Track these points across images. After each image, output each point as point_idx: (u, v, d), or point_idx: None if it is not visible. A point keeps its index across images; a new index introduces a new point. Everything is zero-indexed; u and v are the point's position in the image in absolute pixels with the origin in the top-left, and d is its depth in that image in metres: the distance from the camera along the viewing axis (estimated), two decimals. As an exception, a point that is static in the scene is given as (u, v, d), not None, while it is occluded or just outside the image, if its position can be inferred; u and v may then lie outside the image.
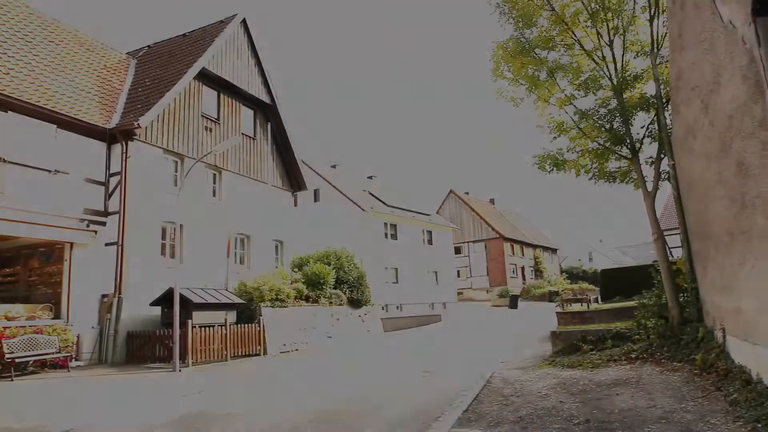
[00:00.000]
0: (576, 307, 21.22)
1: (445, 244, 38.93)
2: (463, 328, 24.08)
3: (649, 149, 13.11)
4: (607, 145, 12.91)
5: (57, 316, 14.50)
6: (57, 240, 14.76)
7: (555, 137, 13.97)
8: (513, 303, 38.65)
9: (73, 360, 13.86)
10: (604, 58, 12.88)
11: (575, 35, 13.09)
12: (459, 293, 43.91)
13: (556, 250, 63.46)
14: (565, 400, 7.78)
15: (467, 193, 55.87)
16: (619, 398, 7.57)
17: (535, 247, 56.37)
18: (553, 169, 13.82)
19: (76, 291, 14.85)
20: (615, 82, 12.51)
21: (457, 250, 48.63)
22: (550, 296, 42.56)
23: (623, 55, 12.82)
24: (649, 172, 12.60)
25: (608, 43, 12.72)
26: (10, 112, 13.70)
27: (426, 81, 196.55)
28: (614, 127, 12.69)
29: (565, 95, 13.52)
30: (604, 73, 12.88)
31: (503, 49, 13.31)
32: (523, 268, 52.64)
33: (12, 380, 11.85)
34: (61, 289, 14.87)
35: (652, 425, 6.14)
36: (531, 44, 13.09)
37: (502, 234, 49.90)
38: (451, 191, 53.75)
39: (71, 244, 14.93)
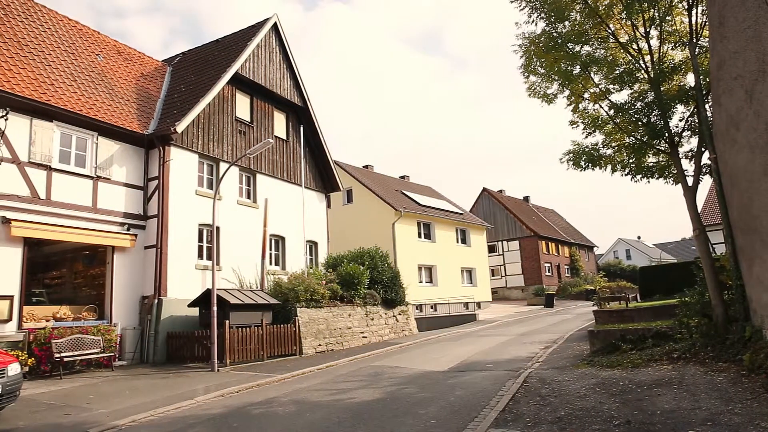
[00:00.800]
0: (614, 305, 20.77)
1: (479, 242, 38.63)
2: (501, 328, 23.84)
3: (689, 143, 12.77)
4: (645, 139, 12.60)
5: (101, 317, 15.00)
6: (99, 244, 15.26)
7: (589, 133, 13.72)
8: (549, 302, 38.09)
9: (117, 360, 14.30)
10: (639, 50, 12.57)
11: (609, 28, 12.81)
12: (494, 292, 43.51)
13: (592, 247, 62.20)
14: (605, 401, 7.63)
15: (501, 191, 55.31)
16: (661, 399, 7.38)
17: (570, 244, 55.36)
18: (588, 166, 13.57)
19: (118, 293, 15.33)
20: (652, 75, 12.19)
21: (491, 249, 48.16)
22: (587, 294, 41.75)
23: (660, 46, 12.49)
24: (689, 166, 12.26)
25: (644, 35, 12.41)
26: (54, 121, 14.24)
27: (457, 78, 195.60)
28: (651, 120, 12.38)
29: (600, 90, 13.26)
30: (640, 66, 12.57)
31: (535, 44, 13.12)
32: (558, 266, 51.76)
33: (61, 378, 12.32)
34: (104, 291, 15.37)
35: (698, 427, 5.96)
36: (563, 39, 12.86)
37: (537, 232, 49.18)
38: (484, 189, 53.27)
39: (113, 248, 15.41)
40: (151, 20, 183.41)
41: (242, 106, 20.00)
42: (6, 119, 12.97)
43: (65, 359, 12.62)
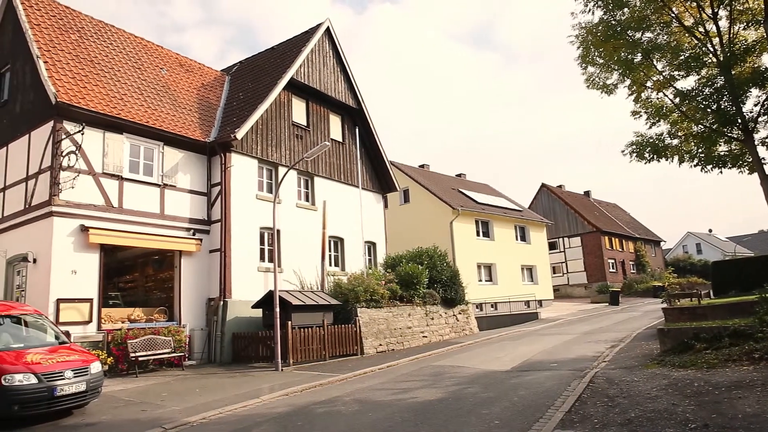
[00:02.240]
0: (685, 302, 19.79)
1: (539, 239, 37.80)
2: (564, 326, 23.21)
3: (766, 129, 12.03)
4: (715, 127, 11.98)
5: (171, 318, 15.70)
6: (168, 248, 15.98)
7: (653, 123, 13.18)
8: (614, 299, 36.72)
9: (186, 359, 14.93)
10: (706, 32, 11.97)
11: (672, 12, 12.26)
12: (555, 290, 42.42)
13: (659, 242, 59.44)
14: (679, 403, 7.30)
15: (560, 186, 53.83)
16: (742, 402, 6.98)
17: (635, 239, 53.15)
18: (653, 157, 13.03)
19: (186, 295, 15.99)
20: (721, 58, 11.57)
21: (552, 246, 46.90)
22: (655, 291, 39.95)
23: (730, 27, 11.84)
24: (766, 153, 11.59)
25: (711, 16, 11.79)
26: (124, 133, 15.04)
27: (510, 73, 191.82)
28: (722, 106, 11.76)
29: (664, 77, 12.72)
30: (708, 50, 11.97)
31: (592, 34, 12.72)
32: (623, 263, 49.81)
33: (136, 376, 13.00)
34: (173, 294, 16.09)
35: (784, 432, 5.60)
36: (623, 26, 12.41)
37: (599, 227, 47.53)
38: (543, 185, 52.00)
39: (180, 252, 16.09)
40: (208, 32, 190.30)
41: (298, 110, 20.41)
42: (82, 134, 13.82)
43: (140, 359, 13.31)
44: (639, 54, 12.64)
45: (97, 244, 13.87)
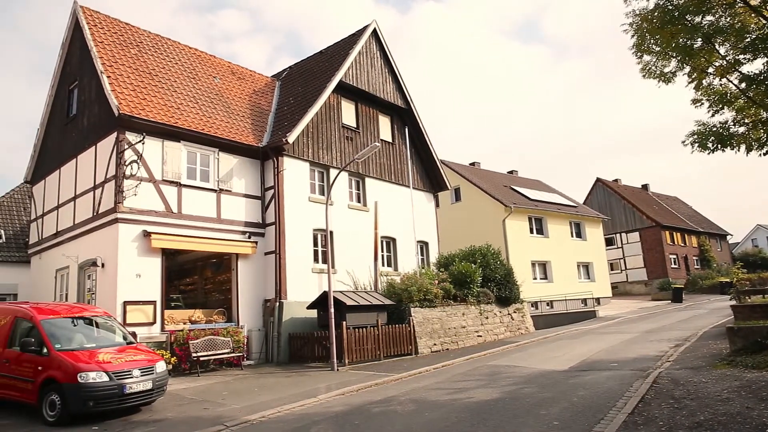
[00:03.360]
0: (756, 299, 18.72)
1: (595, 235, 36.73)
2: (624, 325, 22.43)
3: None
4: (787, 112, 11.26)
5: (229, 319, 16.19)
6: (225, 252, 16.47)
7: (716, 111, 12.51)
8: (676, 296, 35.18)
9: (245, 359, 15.34)
10: (776, 11, 11.25)
11: (737, -9, 11.59)
12: (614, 287, 41.09)
13: (725, 235, 56.53)
14: (754, 406, 6.92)
15: (616, 180, 52.07)
16: (823, 404, 6.55)
17: (699, 234, 50.75)
18: (717, 147, 12.36)
19: (243, 297, 16.45)
20: (793, 38, 10.85)
21: (609, 242, 45.43)
22: (722, 288, 38.02)
23: (804, 3, 11.08)
24: None
25: (781, -6, 11.07)
26: (182, 141, 15.62)
27: (561, 66, 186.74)
28: (795, 90, 11.02)
29: (727, 62, 12.05)
30: (779, 29, 11.24)
31: (647, 21, 12.20)
32: (686, 258, 47.66)
33: (198, 375, 13.46)
34: (230, 296, 16.57)
35: None
36: (681, 11, 11.82)
37: (659, 221, 45.66)
38: (598, 179, 50.46)
39: (237, 255, 16.56)
40: (256, 40, 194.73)
41: (348, 112, 20.60)
42: (143, 143, 14.45)
43: (201, 358, 13.79)
44: (699, 39, 12.01)
45: (159, 248, 14.47)
